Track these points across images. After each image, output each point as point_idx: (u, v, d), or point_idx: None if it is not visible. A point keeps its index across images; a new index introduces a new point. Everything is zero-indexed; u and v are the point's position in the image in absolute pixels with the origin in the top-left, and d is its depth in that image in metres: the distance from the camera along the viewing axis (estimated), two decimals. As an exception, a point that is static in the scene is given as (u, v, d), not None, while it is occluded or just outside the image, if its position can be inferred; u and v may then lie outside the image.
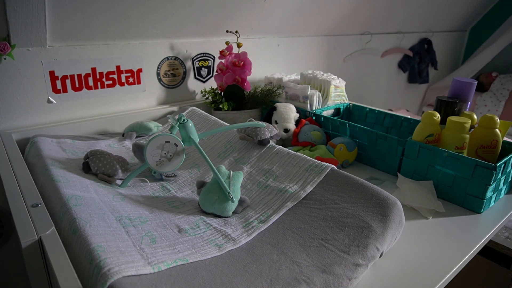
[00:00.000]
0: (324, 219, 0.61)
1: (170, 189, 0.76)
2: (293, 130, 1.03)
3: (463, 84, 0.90)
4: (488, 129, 0.79)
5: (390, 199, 0.61)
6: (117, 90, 1.10)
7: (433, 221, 0.71)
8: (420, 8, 2.00)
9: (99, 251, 0.47)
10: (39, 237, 0.50)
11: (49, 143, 0.84)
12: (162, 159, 0.71)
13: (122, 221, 0.58)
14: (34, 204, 0.57)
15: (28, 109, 0.96)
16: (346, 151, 0.92)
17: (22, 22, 0.84)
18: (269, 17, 1.34)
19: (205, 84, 1.32)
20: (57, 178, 0.65)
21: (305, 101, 1.11)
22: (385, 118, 1.09)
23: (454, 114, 0.88)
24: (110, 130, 1.06)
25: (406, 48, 2.23)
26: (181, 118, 0.75)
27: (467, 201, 0.75)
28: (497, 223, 0.71)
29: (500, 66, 2.65)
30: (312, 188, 0.68)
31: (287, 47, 1.53)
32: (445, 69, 2.69)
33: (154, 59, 1.15)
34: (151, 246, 0.53)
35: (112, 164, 0.74)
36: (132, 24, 1.04)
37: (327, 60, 1.76)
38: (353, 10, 1.62)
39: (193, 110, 1.06)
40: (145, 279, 0.45)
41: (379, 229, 0.56)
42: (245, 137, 0.84)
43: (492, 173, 0.70)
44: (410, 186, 0.79)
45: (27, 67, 0.92)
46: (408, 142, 0.84)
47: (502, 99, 2.30)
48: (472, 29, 2.72)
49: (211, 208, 0.66)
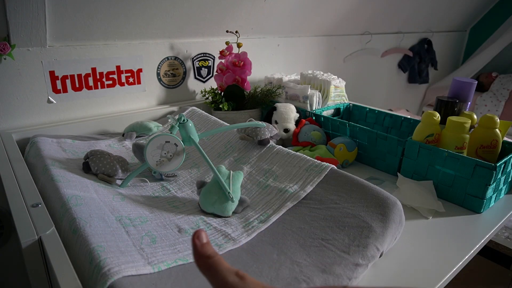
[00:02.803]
0: (324, 219, 0.61)
1: (170, 189, 0.76)
2: (293, 130, 1.03)
3: (463, 84, 0.90)
4: (488, 129, 0.79)
5: (390, 199, 0.61)
6: (117, 90, 1.10)
7: (433, 221, 0.71)
8: (420, 8, 2.00)
9: (99, 251, 0.47)
10: (39, 237, 0.50)
11: (49, 143, 0.84)
12: (162, 159, 0.71)
13: (122, 221, 0.58)
14: (34, 204, 0.57)
15: (28, 109, 0.96)
16: (346, 151, 0.92)
17: (22, 22, 0.84)
18: (269, 17, 1.34)
19: (205, 84, 1.32)
20: (57, 178, 0.65)
21: (305, 101, 1.11)
22: (385, 118, 1.09)
23: (454, 114, 0.88)
24: (110, 130, 1.06)
25: (406, 48, 2.23)
26: (181, 118, 0.75)
27: (467, 201, 0.75)
28: (497, 223, 0.71)
29: (500, 66, 2.65)
30: (312, 188, 0.68)
31: (287, 47, 1.53)
32: (445, 69, 2.69)
33: (154, 59, 1.15)
34: (151, 246, 0.53)
35: (112, 164, 0.74)
36: (132, 24, 1.04)
37: (327, 60, 1.76)
38: (353, 10, 1.62)
39: (193, 110, 1.06)
40: (145, 279, 0.45)
41: (379, 229, 0.56)
42: (245, 137, 0.84)
43: (492, 173, 0.70)
44: (410, 186, 0.79)
45: (27, 67, 0.92)
46: (408, 142, 0.84)
47: (502, 99, 2.31)
48: (472, 29, 2.72)
49: (211, 208, 0.66)
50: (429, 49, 2.38)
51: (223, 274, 0.26)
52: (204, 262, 0.27)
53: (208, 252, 0.27)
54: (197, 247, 0.27)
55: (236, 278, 0.26)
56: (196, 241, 0.28)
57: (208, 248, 0.28)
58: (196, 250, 0.27)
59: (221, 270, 0.26)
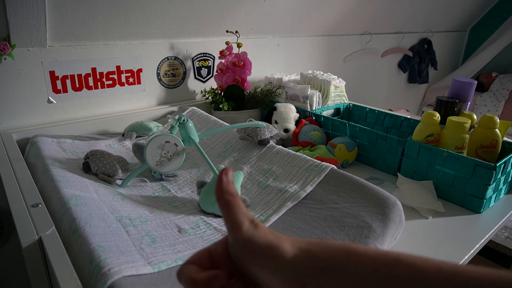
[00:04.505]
0: (324, 219, 0.61)
1: (170, 189, 0.76)
2: (293, 130, 1.03)
3: (463, 84, 0.90)
4: (488, 129, 0.79)
5: (390, 199, 0.61)
6: (117, 90, 1.10)
7: (433, 221, 0.71)
8: (420, 8, 2.00)
9: (99, 251, 0.47)
10: (39, 237, 0.50)
11: (49, 143, 0.84)
12: (162, 159, 0.71)
13: (122, 221, 0.58)
14: (34, 204, 0.57)
15: (28, 109, 0.96)
16: (346, 151, 0.92)
17: (22, 22, 0.84)
18: (269, 17, 1.34)
19: (205, 84, 1.32)
20: (57, 178, 0.65)
21: (305, 101, 1.11)
22: (385, 118, 1.09)
23: (454, 114, 0.88)
24: (110, 130, 1.06)
25: (406, 48, 2.23)
26: (181, 118, 0.75)
27: (467, 201, 0.75)
28: (497, 223, 0.71)
29: (500, 66, 2.65)
30: (312, 188, 0.68)
31: (287, 47, 1.53)
32: (445, 69, 2.69)
33: (154, 59, 1.15)
34: (151, 246, 0.53)
35: (112, 164, 0.74)
36: (132, 24, 1.04)
37: (327, 60, 1.76)
38: (353, 10, 1.62)
39: (193, 110, 1.06)
40: (145, 279, 0.45)
41: (379, 229, 0.56)
42: (245, 137, 0.84)
43: (492, 173, 0.70)
44: (410, 186, 0.79)
45: (27, 67, 0.92)
46: (408, 142, 0.84)
47: (502, 99, 2.31)
48: (472, 29, 2.72)
49: (211, 208, 0.66)
50: (429, 49, 2.38)
51: (239, 216, 0.27)
52: (226, 198, 0.27)
53: (232, 190, 0.27)
54: (223, 183, 0.28)
55: (251, 225, 0.26)
56: (223, 177, 0.28)
57: (232, 187, 0.28)
58: (221, 185, 0.27)
59: (239, 212, 0.27)
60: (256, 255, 0.26)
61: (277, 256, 0.25)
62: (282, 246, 0.26)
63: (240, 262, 0.27)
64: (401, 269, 0.22)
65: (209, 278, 0.26)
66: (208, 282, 0.26)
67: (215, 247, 0.29)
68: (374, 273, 0.23)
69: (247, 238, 0.26)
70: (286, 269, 0.25)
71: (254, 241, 0.26)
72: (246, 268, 0.27)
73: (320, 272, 0.24)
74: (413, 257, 0.23)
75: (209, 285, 0.26)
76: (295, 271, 0.25)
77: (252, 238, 0.26)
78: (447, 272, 0.21)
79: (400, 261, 0.23)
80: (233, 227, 0.27)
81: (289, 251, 0.25)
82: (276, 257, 0.25)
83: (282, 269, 0.25)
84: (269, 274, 0.25)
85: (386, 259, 0.23)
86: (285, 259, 0.25)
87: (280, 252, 0.25)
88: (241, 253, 0.27)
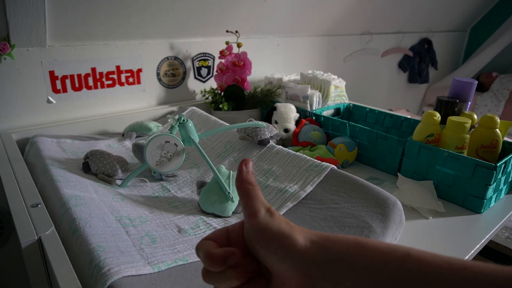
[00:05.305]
0: (324, 219, 0.61)
1: (170, 189, 0.76)
2: (293, 130, 1.03)
3: (463, 84, 0.90)
4: (488, 129, 0.79)
5: (390, 199, 0.60)
6: (117, 90, 1.10)
7: (433, 221, 0.71)
8: (420, 8, 2.00)
9: (99, 251, 0.47)
10: (39, 237, 0.50)
11: (49, 143, 0.84)
12: (162, 159, 0.71)
13: (122, 221, 0.58)
14: (34, 204, 0.57)
15: (28, 109, 0.96)
16: (346, 151, 0.92)
17: (22, 22, 0.84)
18: (269, 17, 1.34)
19: (205, 84, 1.32)
20: (57, 178, 0.65)
21: (305, 101, 1.11)
22: (385, 118, 1.09)
23: (454, 114, 0.88)
24: (110, 130, 1.06)
25: (406, 48, 2.23)
26: (181, 118, 0.75)
27: (467, 201, 0.75)
28: (497, 223, 0.71)
29: (500, 66, 2.65)
30: (312, 188, 0.68)
31: (287, 47, 1.53)
32: (445, 69, 2.69)
33: (154, 59, 1.15)
34: (151, 246, 0.53)
35: (112, 164, 0.74)
36: (132, 24, 1.04)
37: (327, 60, 1.76)
38: (353, 10, 1.62)
39: (193, 110, 1.06)
40: (145, 279, 0.45)
41: (379, 229, 0.56)
42: (245, 137, 0.84)
43: (492, 173, 0.70)
44: (410, 186, 0.79)
45: (27, 67, 0.92)
46: (408, 142, 0.84)
47: (502, 99, 2.31)
48: (472, 29, 2.72)
49: (211, 208, 0.66)
50: (429, 49, 2.38)
51: (257, 204, 0.28)
52: (246, 187, 0.29)
53: (251, 180, 0.29)
54: (243, 173, 0.29)
55: (267, 213, 0.28)
56: (243, 167, 0.30)
57: (252, 176, 0.30)
58: (242, 175, 0.29)
59: (257, 200, 0.28)
60: (268, 242, 0.27)
61: (288, 245, 0.26)
62: (294, 236, 0.26)
63: (253, 248, 0.29)
64: (412, 263, 0.23)
65: (226, 254, 0.27)
66: (225, 257, 0.27)
67: (232, 228, 0.31)
68: (385, 267, 0.23)
69: (262, 225, 0.27)
70: (296, 259, 0.25)
71: (267, 228, 0.27)
72: (258, 255, 0.28)
73: (330, 264, 0.24)
74: (422, 252, 0.23)
75: (226, 260, 0.27)
76: (304, 261, 0.25)
77: (266, 225, 0.27)
78: (457, 267, 0.22)
79: (410, 256, 0.23)
80: (250, 214, 0.28)
81: (301, 241, 0.26)
82: (287, 245, 0.26)
83: (292, 258, 0.26)
84: (280, 262, 0.26)
85: (397, 254, 0.23)
86: (296, 248, 0.26)
87: (291, 241, 0.26)
88: (254, 239, 0.28)
